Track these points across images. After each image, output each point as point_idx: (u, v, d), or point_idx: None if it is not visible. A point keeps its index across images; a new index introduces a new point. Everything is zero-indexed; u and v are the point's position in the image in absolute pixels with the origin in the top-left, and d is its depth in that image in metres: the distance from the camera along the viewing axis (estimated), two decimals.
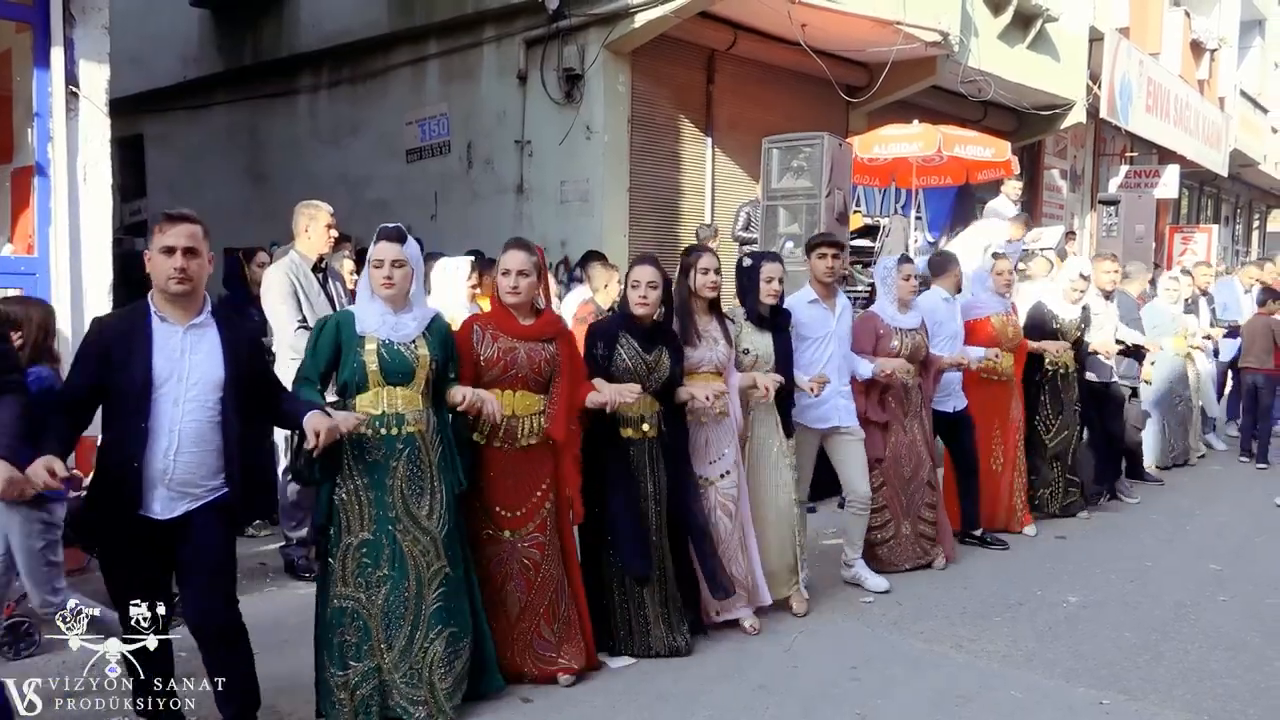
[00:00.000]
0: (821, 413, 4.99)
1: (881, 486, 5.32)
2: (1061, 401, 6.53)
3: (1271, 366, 8.62)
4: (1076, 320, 6.55)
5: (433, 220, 10.31)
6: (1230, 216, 28.01)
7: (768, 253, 4.85)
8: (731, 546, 4.47)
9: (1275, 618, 4.90)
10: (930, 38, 10.14)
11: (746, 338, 4.64)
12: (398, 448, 3.50)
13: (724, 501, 4.45)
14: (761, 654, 4.37)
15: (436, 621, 3.55)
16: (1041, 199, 16.29)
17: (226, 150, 12.79)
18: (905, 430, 5.38)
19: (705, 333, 4.41)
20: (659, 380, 4.15)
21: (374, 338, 3.49)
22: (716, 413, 4.37)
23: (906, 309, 5.35)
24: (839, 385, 5.00)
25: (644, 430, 4.16)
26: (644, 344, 4.13)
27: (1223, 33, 21.03)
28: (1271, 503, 7.17)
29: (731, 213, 9.98)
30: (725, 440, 4.46)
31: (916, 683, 4.12)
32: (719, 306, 4.50)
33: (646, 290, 4.09)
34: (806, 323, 4.95)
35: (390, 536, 3.50)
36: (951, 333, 5.78)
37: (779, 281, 4.62)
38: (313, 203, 5.48)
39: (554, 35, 9.10)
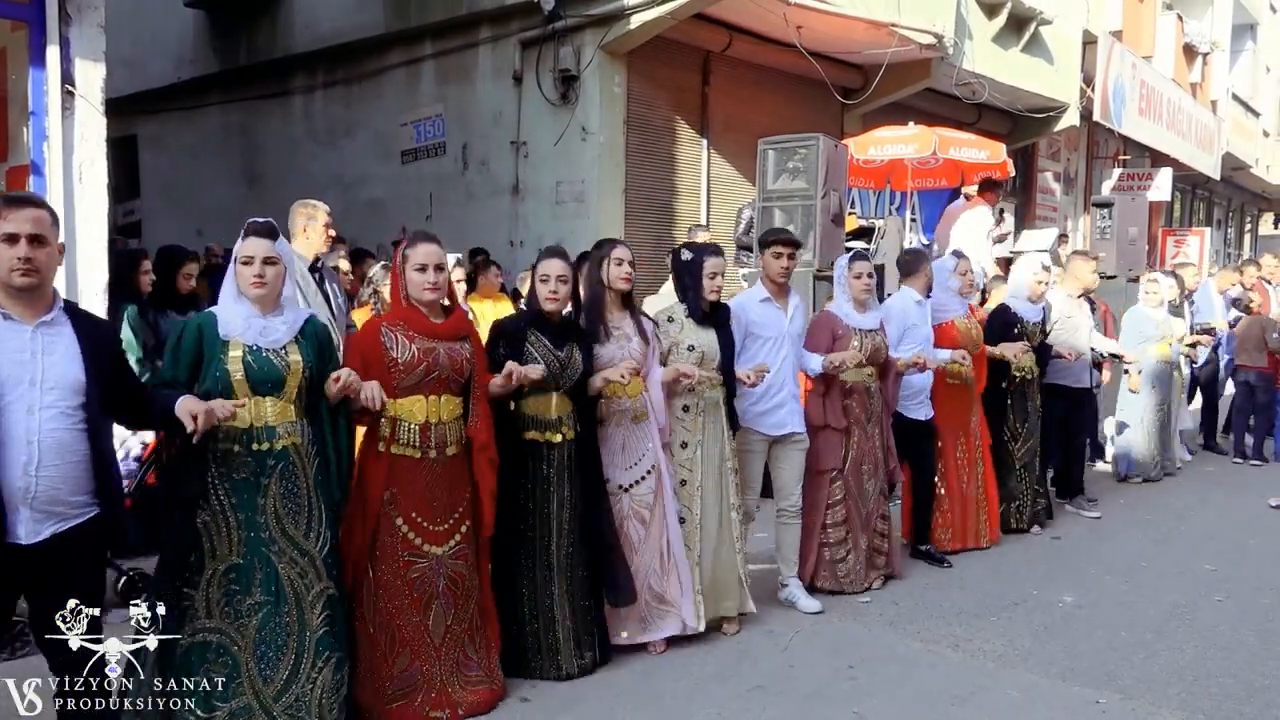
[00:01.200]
0: (777, 418, 4.76)
1: (843, 499, 5.06)
2: (1027, 410, 6.28)
3: (1264, 364, 8.69)
4: (1039, 322, 6.30)
5: (428, 221, 10.30)
6: (1223, 220, 28.11)
7: (709, 246, 4.57)
8: (647, 558, 4.19)
9: (1270, 618, 4.92)
10: (925, 40, 10.17)
11: (689, 334, 4.41)
12: (269, 464, 3.18)
13: (638, 509, 4.19)
14: (759, 654, 4.37)
15: (324, 648, 3.26)
16: (1035, 202, 16.34)
17: (221, 151, 12.78)
18: (867, 436, 5.09)
19: (617, 329, 4.18)
20: (572, 378, 3.95)
21: (239, 343, 3.16)
22: (628, 409, 4.16)
23: (864, 309, 5.10)
24: (794, 389, 4.84)
25: (562, 432, 3.96)
26: (555, 341, 3.92)
27: (1215, 36, 21.12)
28: (1265, 504, 7.19)
29: (726, 214, 10.02)
30: (643, 443, 4.21)
31: (913, 682, 4.12)
32: (633, 302, 4.32)
33: (556, 284, 3.91)
34: (758, 322, 4.74)
35: (264, 559, 3.18)
36: (924, 336, 5.50)
37: (721, 277, 4.41)
38: (310, 202, 5.45)
39: (549, 36, 9.10)
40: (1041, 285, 6.24)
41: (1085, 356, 6.65)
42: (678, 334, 4.41)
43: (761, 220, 7.81)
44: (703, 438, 4.43)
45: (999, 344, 6.02)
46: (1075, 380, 6.69)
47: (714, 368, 4.42)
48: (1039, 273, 6.28)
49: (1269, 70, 26.35)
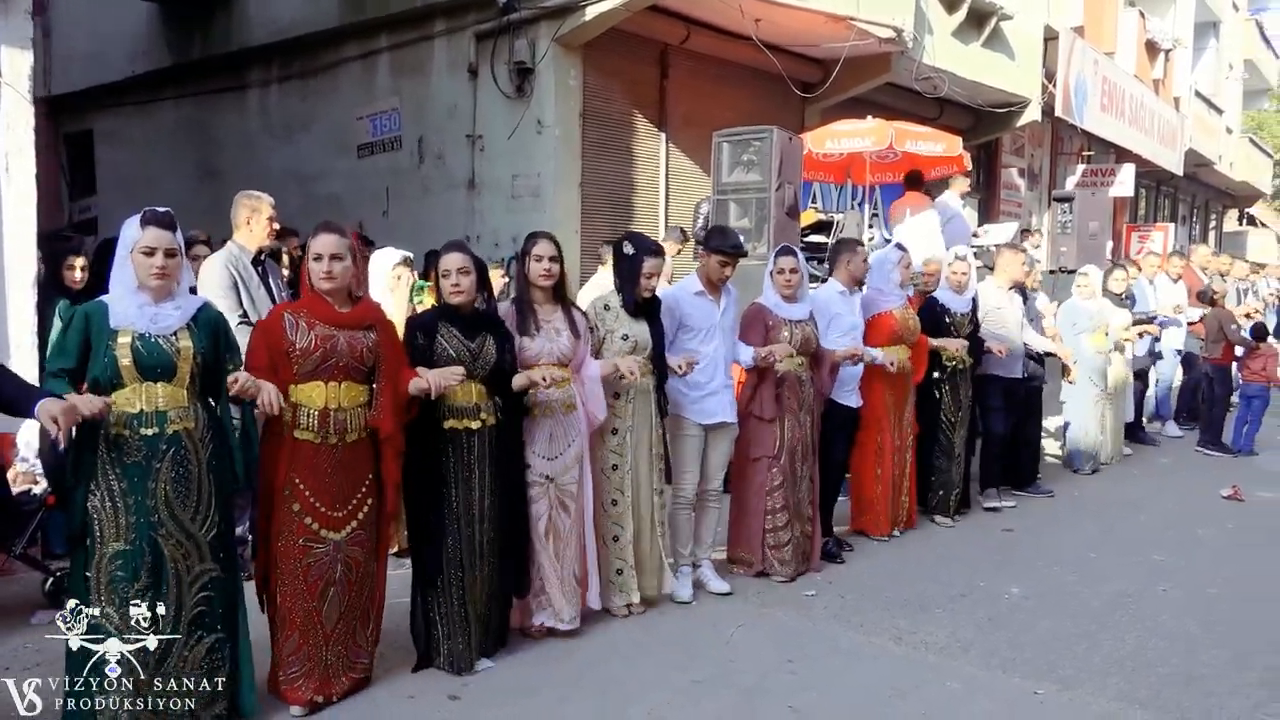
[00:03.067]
0: (709, 407, 4.84)
1: (782, 486, 5.11)
2: (960, 399, 6.31)
3: (1218, 356, 8.75)
4: (968, 313, 6.29)
5: (384, 216, 10.20)
6: (1187, 216, 28.39)
7: (652, 245, 4.59)
8: (572, 546, 4.30)
9: (1214, 608, 4.92)
10: (884, 34, 10.16)
11: (625, 325, 4.51)
12: (161, 448, 3.18)
13: (563, 499, 4.26)
14: (700, 647, 4.31)
15: (196, 628, 3.26)
16: (999, 197, 16.40)
17: (177, 146, 12.61)
18: (799, 425, 5.13)
19: (546, 323, 4.21)
20: (485, 367, 3.92)
21: (129, 330, 3.18)
22: (557, 400, 4.20)
23: (793, 300, 5.12)
24: (726, 380, 4.88)
25: (481, 419, 3.93)
26: (466, 332, 3.91)
27: (1177, 34, 21.28)
28: (1217, 494, 7.22)
29: (686, 209, 9.97)
30: (571, 434, 4.27)
31: (852, 676, 4.08)
32: (565, 296, 4.32)
33: (458, 278, 3.88)
34: (691, 314, 4.82)
35: (151, 543, 3.17)
36: (848, 327, 5.48)
37: (657, 278, 4.52)
38: (254, 194, 5.33)
39: (504, 29, 9.02)
40: (960, 275, 6.23)
41: (1017, 349, 6.63)
42: (613, 323, 4.50)
43: (717, 213, 7.78)
44: (633, 424, 4.54)
45: (932, 332, 6.05)
46: (1008, 371, 6.65)
47: (646, 356, 4.51)
48: (955, 263, 6.27)
49: (1231, 68, 26.63)
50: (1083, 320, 7.71)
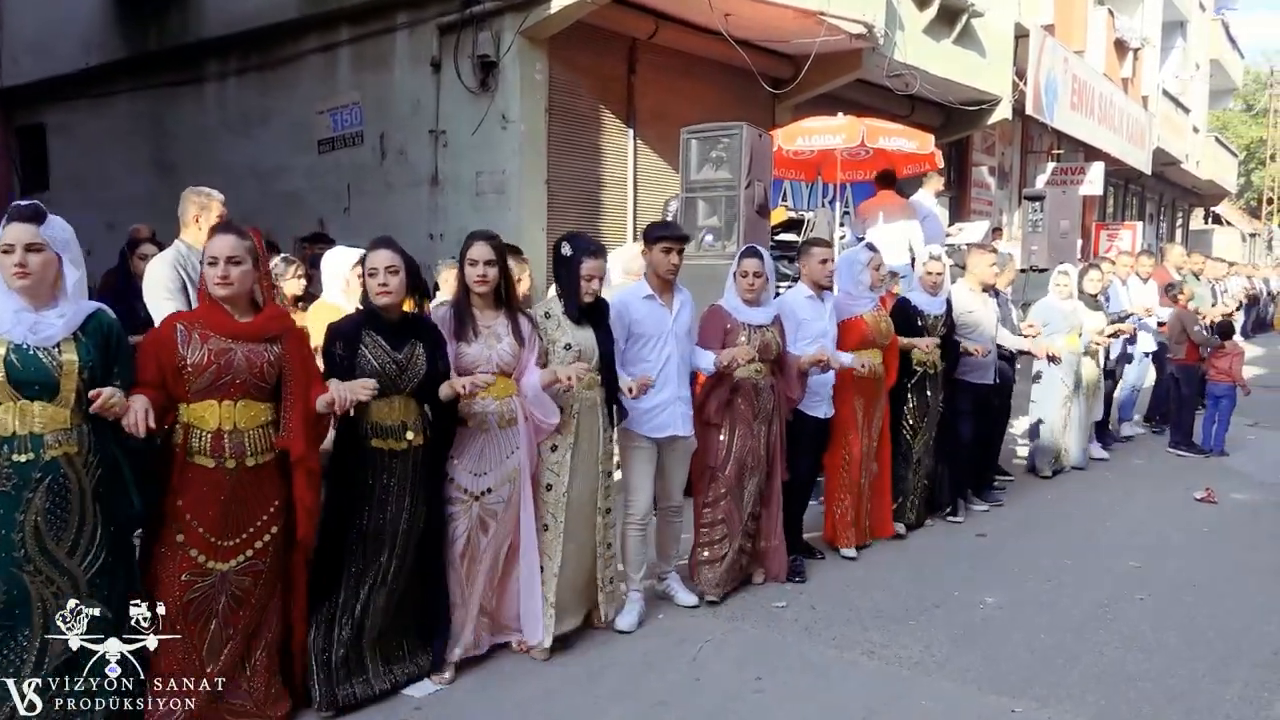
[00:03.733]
0: (660, 420, 4.54)
1: (723, 497, 4.85)
2: (928, 404, 6.03)
3: (1183, 356, 8.69)
4: (941, 314, 6.02)
5: (346, 213, 9.94)
6: (1155, 214, 28.63)
7: (591, 245, 4.26)
8: (484, 570, 3.96)
9: (1191, 616, 4.81)
10: (855, 30, 10.01)
11: (567, 333, 4.18)
12: (34, 477, 2.86)
13: (484, 518, 3.92)
14: (666, 665, 4.15)
15: (68, 669, 2.99)
16: (970, 195, 16.36)
17: (132, 140, 12.25)
18: (753, 434, 4.84)
19: (486, 329, 3.91)
20: (413, 381, 3.62)
21: (3, 340, 2.85)
22: (493, 412, 3.89)
23: (755, 304, 4.87)
24: (679, 390, 4.58)
25: (407, 439, 3.62)
26: (392, 340, 3.59)
27: (1146, 32, 21.39)
28: (1190, 496, 7.14)
29: (655, 206, 9.78)
30: (505, 450, 3.93)
31: (822, 694, 3.93)
32: (510, 300, 4.01)
33: (386, 276, 3.54)
34: (641, 320, 4.52)
35: (12, 580, 2.87)
36: (817, 332, 5.20)
37: (599, 281, 4.21)
38: (204, 190, 5.10)
39: (468, 21, 8.77)
40: (933, 276, 5.99)
41: (992, 354, 6.37)
42: (554, 332, 4.18)
43: (685, 212, 7.59)
44: (574, 440, 4.18)
45: (903, 334, 5.79)
46: (979, 377, 6.37)
47: (592, 366, 4.18)
48: (929, 262, 6.04)
49: (1198, 67, 26.85)
50: (1057, 320, 7.45)
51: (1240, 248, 32.12)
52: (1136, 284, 9.43)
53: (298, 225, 9.80)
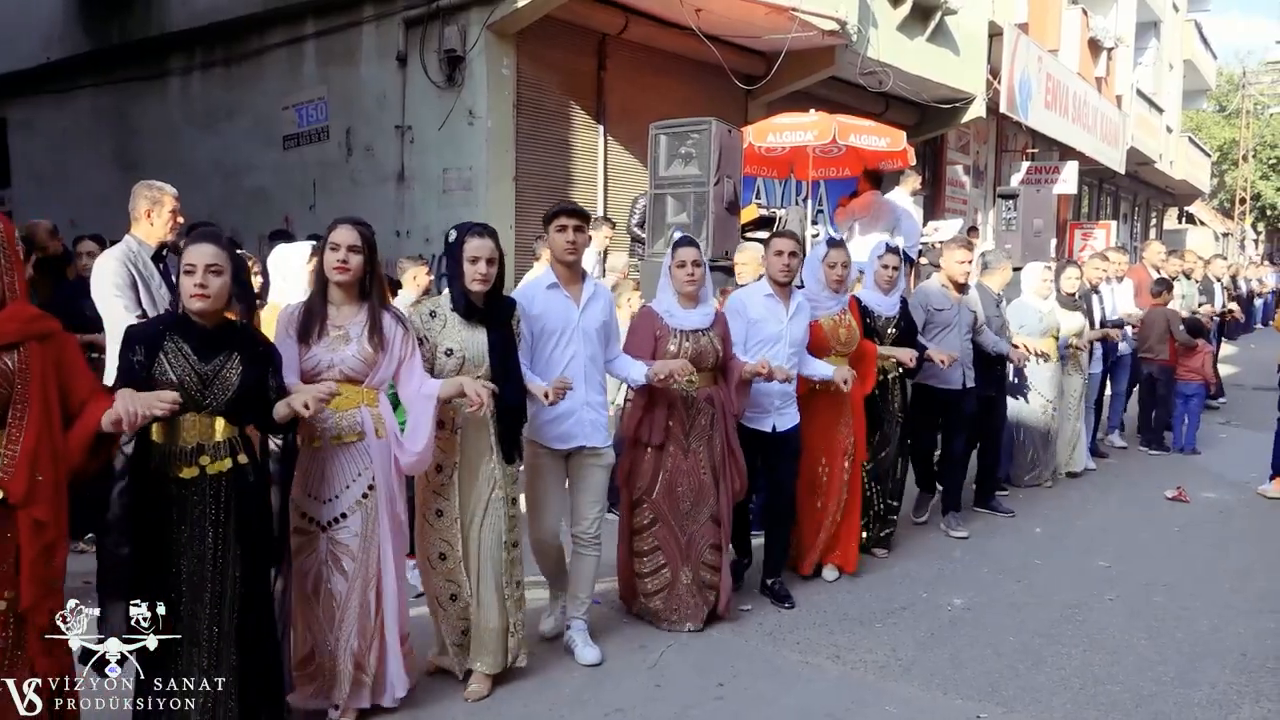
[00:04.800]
0: (564, 430, 4.02)
1: (654, 524, 4.38)
2: (881, 414, 5.44)
3: (1166, 357, 8.62)
4: (894, 315, 5.48)
5: (311, 210, 9.80)
6: (1129, 214, 28.78)
7: (476, 225, 3.70)
8: (350, 614, 3.42)
9: (1160, 617, 4.75)
10: (828, 26, 9.93)
11: (450, 333, 3.65)
12: None
13: (337, 553, 3.40)
14: (625, 672, 4.04)
15: None
16: (945, 194, 16.35)
17: (94, 136, 12.07)
18: (686, 454, 4.34)
19: (337, 328, 3.40)
20: (221, 398, 3.01)
21: None
22: (333, 426, 3.38)
23: (692, 303, 4.35)
24: (587, 395, 4.04)
25: (200, 465, 3.01)
26: (201, 348, 3.02)
27: (1119, 32, 21.47)
28: (1161, 495, 7.10)
29: (625, 203, 9.68)
30: (354, 470, 3.40)
31: (785, 700, 3.83)
32: (375, 292, 3.47)
33: (205, 276, 2.98)
34: (544, 314, 3.98)
35: None
36: (770, 336, 4.69)
37: (486, 263, 3.59)
38: (155, 184, 4.94)
39: (434, 15, 8.66)
40: (889, 272, 5.46)
41: (960, 358, 5.79)
42: (438, 334, 3.67)
43: (654, 208, 7.49)
44: (459, 459, 3.69)
45: None
46: (943, 381, 5.86)
47: (480, 375, 3.63)
48: (885, 255, 5.50)
49: (1172, 68, 27.01)
50: (1032, 321, 6.92)
51: (1213, 248, 32.34)
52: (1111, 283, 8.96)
53: (263, 222, 9.65)
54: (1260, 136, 40.85)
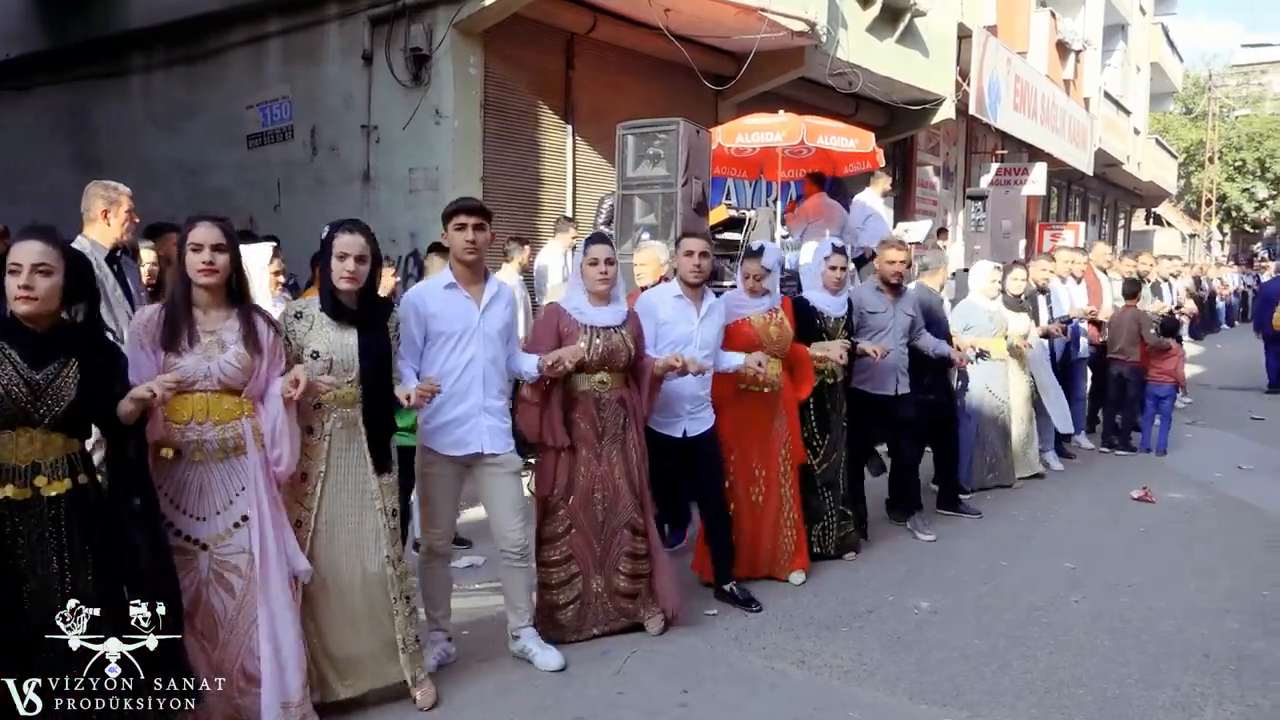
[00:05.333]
0: (458, 436, 3.83)
1: (569, 532, 4.20)
2: (829, 419, 5.34)
3: (1137, 359, 8.65)
4: (842, 316, 5.38)
5: (276, 211, 9.66)
6: (1097, 215, 29.05)
7: (348, 220, 3.53)
8: (239, 636, 3.23)
9: (1125, 618, 4.74)
10: (797, 26, 9.93)
11: (318, 335, 3.42)
12: None
13: (222, 572, 3.20)
14: (588, 678, 3.98)
15: None
16: (915, 195, 16.41)
17: (53, 135, 11.85)
18: (599, 458, 4.17)
19: (209, 334, 3.16)
20: (55, 411, 2.77)
21: None
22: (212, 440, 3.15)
23: (603, 301, 4.20)
24: (485, 400, 3.85)
25: (34, 486, 2.77)
26: (33, 356, 2.77)
27: (1087, 35, 21.65)
28: (1127, 495, 7.12)
29: (594, 204, 9.60)
30: (233, 486, 3.18)
31: (749, 706, 3.78)
32: (245, 296, 3.29)
33: (31, 276, 2.75)
34: (442, 315, 3.80)
35: None
36: (680, 338, 4.53)
37: (356, 260, 3.39)
38: (110, 184, 4.88)
39: (400, 13, 8.56)
40: (836, 273, 5.35)
41: (891, 360, 5.61)
42: (304, 336, 3.44)
43: (622, 209, 7.45)
44: (325, 469, 3.46)
45: (801, 339, 5.10)
46: (876, 386, 5.70)
47: (350, 380, 3.45)
48: (832, 256, 5.38)
49: (1139, 70, 27.28)
50: (981, 321, 6.81)
51: (1180, 248, 32.70)
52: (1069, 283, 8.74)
53: None
54: (1226, 139, 41.37)
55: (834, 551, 5.46)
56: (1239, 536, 6.18)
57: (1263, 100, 45.54)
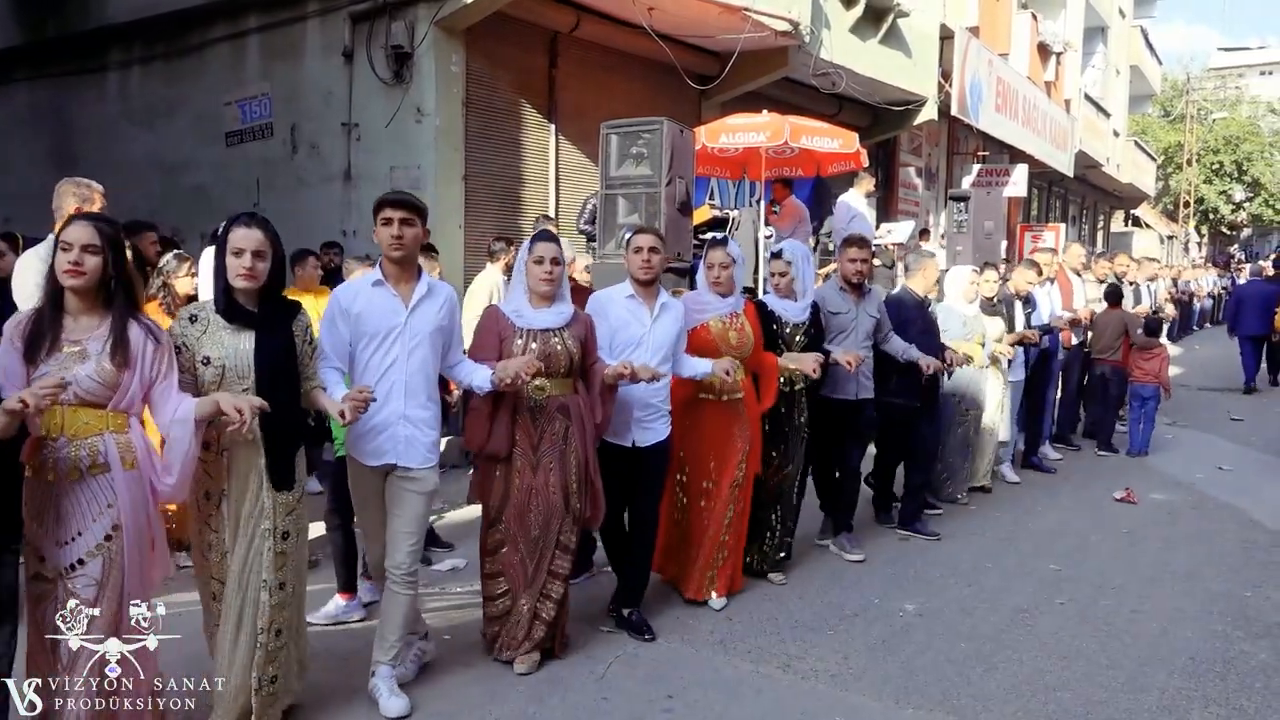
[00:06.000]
0: (376, 444, 3.58)
1: (503, 548, 3.99)
2: (785, 431, 5.08)
3: (1119, 359, 8.69)
4: (803, 322, 5.12)
5: (256, 209, 9.52)
6: (1077, 216, 29.22)
7: (244, 214, 3.24)
8: (81, 671, 2.91)
9: (1110, 621, 4.74)
10: (780, 26, 9.92)
11: (211, 339, 3.15)
12: None
13: (77, 603, 2.89)
14: (572, 683, 3.93)
15: None
16: (898, 196, 16.45)
17: (29, 132, 11.68)
18: (535, 469, 3.91)
19: (74, 342, 2.89)
20: None
21: None
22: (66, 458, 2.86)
23: (546, 302, 3.95)
24: (406, 408, 3.59)
25: None
26: None
27: (1068, 37, 21.76)
28: (1110, 496, 7.13)
29: (577, 203, 9.57)
30: (94, 508, 2.88)
31: (735, 711, 3.74)
32: (125, 299, 2.98)
33: None
34: (364, 312, 3.54)
35: None
36: (632, 340, 4.28)
37: (252, 256, 3.13)
38: (83, 181, 4.84)
39: (381, 10, 8.49)
40: (776, 279, 5.11)
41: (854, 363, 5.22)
42: (197, 340, 3.16)
43: (605, 209, 7.39)
44: (228, 487, 3.21)
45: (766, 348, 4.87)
46: (835, 391, 5.43)
47: (245, 388, 3.15)
48: (772, 263, 5.15)
49: (1118, 73, 27.46)
50: (955, 326, 6.51)
51: (1159, 250, 32.96)
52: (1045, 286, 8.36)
53: (205, 221, 9.34)
54: (1203, 142, 41.73)
55: (769, 569, 5.18)
56: (1221, 538, 6.21)
57: (1239, 103, 46.01)
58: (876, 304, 5.69)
